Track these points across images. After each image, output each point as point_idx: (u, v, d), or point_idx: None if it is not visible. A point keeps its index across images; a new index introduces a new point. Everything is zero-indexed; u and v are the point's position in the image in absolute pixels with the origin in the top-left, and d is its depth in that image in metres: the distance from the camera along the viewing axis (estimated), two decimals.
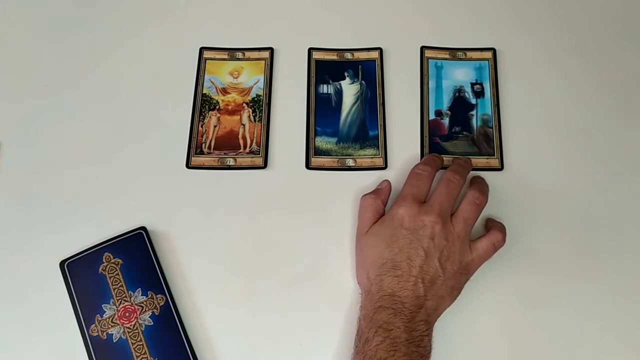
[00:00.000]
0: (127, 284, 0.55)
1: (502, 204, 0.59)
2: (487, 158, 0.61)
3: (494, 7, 0.69)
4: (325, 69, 0.65)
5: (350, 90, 0.65)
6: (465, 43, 0.67)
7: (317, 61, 0.66)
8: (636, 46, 0.66)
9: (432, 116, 0.63)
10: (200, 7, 0.69)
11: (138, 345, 0.53)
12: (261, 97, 0.64)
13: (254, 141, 0.62)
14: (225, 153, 0.61)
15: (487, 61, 0.66)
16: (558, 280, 0.57)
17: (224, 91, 0.65)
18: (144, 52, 0.67)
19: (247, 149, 0.62)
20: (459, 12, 0.69)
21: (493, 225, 0.56)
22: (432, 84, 0.65)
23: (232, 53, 0.66)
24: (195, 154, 0.61)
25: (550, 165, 0.61)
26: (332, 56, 0.66)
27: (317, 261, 0.57)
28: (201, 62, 0.66)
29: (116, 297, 0.55)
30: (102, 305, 0.54)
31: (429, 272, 0.51)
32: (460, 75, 0.65)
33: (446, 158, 0.61)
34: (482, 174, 0.60)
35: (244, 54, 0.66)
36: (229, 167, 0.61)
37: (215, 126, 0.63)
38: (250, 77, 0.65)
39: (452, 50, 0.66)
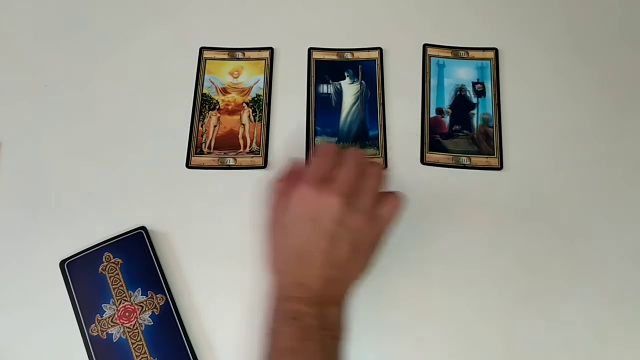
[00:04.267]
0: (127, 283, 0.55)
1: (501, 203, 0.59)
2: (487, 157, 0.61)
3: (497, 7, 0.68)
4: (325, 69, 0.65)
5: (350, 90, 0.65)
6: (468, 42, 0.67)
7: (317, 61, 0.66)
8: (636, 47, 0.66)
9: (433, 114, 0.63)
10: (200, 7, 0.69)
11: (138, 345, 0.53)
12: (261, 97, 0.64)
13: (254, 141, 0.62)
14: (225, 153, 0.61)
15: (489, 61, 0.66)
16: (558, 279, 0.56)
17: (224, 91, 0.65)
18: (144, 52, 0.67)
19: (247, 149, 0.62)
20: (462, 12, 0.68)
21: (387, 193, 0.52)
22: (433, 82, 0.65)
23: (232, 53, 0.66)
24: (196, 153, 0.61)
25: (549, 165, 0.61)
26: (332, 56, 0.66)
27: None
28: (201, 62, 0.66)
29: (116, 296, 0.55)
30: (102, 305, 0.54)
31: (338, 256, 0.48)
32: (462, 74, 0.65)
33: (444, 156, 0.61)
34: (482, 173, 0.60)
35: (243, 54, 0.66)
36: (229, 167, 0.61)
37: (215, 126, 0.63)
38: (250, 77, 0.65)
39: (455, 49, 0.66)
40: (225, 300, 0.56)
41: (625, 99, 0.64)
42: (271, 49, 0.66)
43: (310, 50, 0.66)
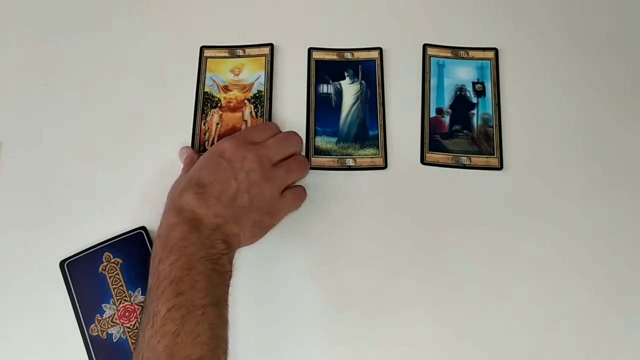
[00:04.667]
0: (127, 283, 0.55)
1: (501, 203, 0.59)
2: (487, 157, 0.61)
3: (497, 7, 0.68)
4: (325, 69, 0.65)
5: (350, 90, 0.64)
6: (468, 42, 0.66)
7: (317, 61, 0.66)
8: (636, 47, 0.66)
9: (433, 114, 0.63)
10: (200, 6, 0.69)
11: None
12: (262, 93, 0.64)
13: None
14: None
15: (489, 61, 0.66)
16: (558, 279, 0.56)
17: (226, 89, 0.64)
18: (145, 52, 0.67)
19: None
20: (462, 13, 0.68)
21: (293, 185, 0.58)
22: (433, 82, 0.65)
23: (232, 50, 0.66)
24: (198, 151, 0.61)
25: (549, 166, 0.61)
26: (332, 56, 0.66)
27: (316, 260, 0.57)
28: (202, 60, 0.66)
29: (116, 296, 0.55)
30: (102, 305, 0.54)
31: (234, 199, 0.51)
32: (462, 74, 0.65)
33: (444, 156, 0.61)
34: (482, 173, 0.60)
35: (244, 51, 0.66)
36: None
37: (217, 124, 0.63)
38: (252, 73, 0.65)
39: (455, 49, 0.66)
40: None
41: (625, 99, 0.64)
42: (271, 45, 0.66)
43: (310, 50, 0.66)
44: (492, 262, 0.57)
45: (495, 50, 0.66)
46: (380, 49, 0.66)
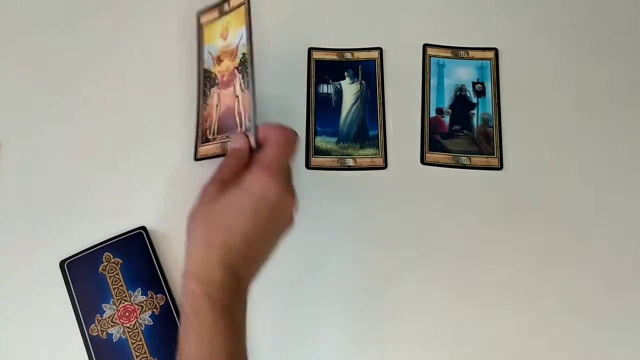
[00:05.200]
0: (127, 283, 0.55)
1: (501, 203, 0.59)
2: (487, 157, 0.61)
3: (497, 7, 0.68)
4: (325, 69, 0.65)
5: (350, 90, 0.64)
6: (468, 42, 0.66)
7: (317, 61, 0.66)
8: (637, 47, 0.66)
9: (433, 114, 0.63)
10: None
11: (138, 344, 0.53)
12: (245, 57, 0.54)
13: (246, 116, 0.53)
14: (227, 137, 0.55)
15: (489, 61, 0.66)
16: (558, 279, 0.56)
17: (218, 60, 0.58)
18: (145, 52, 0.66)
19: (243, 127, 0.53)
20: (462, 12, 0.68)
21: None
22: (433, 82, 0.65)
23: (220, 8, 0.58)
24: (202, 142, 0.58)
25: (549, 165, 0.61)
26: (332, 56, 0.66)
27: (316, 260, 0.57)
28: (200, 31, 0.61)
29: (116, 296, 0.55)
30: (102, 305, 0.54)
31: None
32: (462, 74, 0.65)
33: (444, 156, 0.61)
34: (482, 173, 0.60)
35: (229, 5, 0.57)
36: None
37: (216, 105, 0.57)
38: (235, 32, 0.56)
39: (455, 49, 0.66)
40: None
41: (624, 98, 0.64)
42: None
43: (310, 50, 0.66)
44: (492, 262, 0.57)
45: (495, 50, 0.66)
46: (380, 49, 0.66)
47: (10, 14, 0.69)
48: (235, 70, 0.54)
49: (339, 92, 0.64)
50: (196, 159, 0.58)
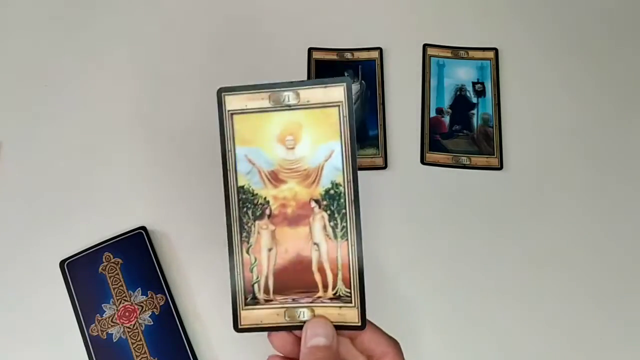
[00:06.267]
0: (127, 283, 0.55)
1: (501, 203, 0.59)
2: (487, 157, 0.61)
3: (497, 7, 0.68)
4: (325, 69, 0.65)
5: None
6: (468, 42, 0.67)
7: (317, 61, 0.66)
8: (636, 47, 0.66)
9: (433, 114, 0.63)
10: (201, 3, 0.69)
11: (138, 345, 0.53)
12: (341, 188, 0.39)
13: (339, 278, 0.44)
14: (294, 300, 0.43)
15: (489, 61, 0.66)
16: (558, 279, 0.56)
17: (275, 178, 0.41)
18: (145, 51, 0.67)
19: (330, 289, 0.44)
20: (462, 12, 0.68)
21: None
22: (433, 82, 0.65)
23: (276, 96, 0.44)
24: (248, 304, 0.50)
25: (549, 165, 0.61)
26: (332, 56, 0.66)
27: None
28: (226, 119, 0.55)
29: (116, 296, 0.55)
30: (102, 305, 0.54)
31: None
32: (462, 74, 0.65)
33: (444, 156, 0.61)
34: (482, 173, 0.60)
35: (297, 96, 0.44)
36: None
37: (269, 249, 0.44)
38: (316, 145, 0.41)
39: (455, 49, 0.66)
40: (225, 300, 0.56)
41: (625, 99, 0.64)
42: (346, 84, 0.43)
43: (310, 50, 0.66)
44: (492, 262, 0.57)
45: (495, 50, 0.66)
46: (380, 49, 0.66)
47: (10, 14, 0.69)
48: (315, 204, 0.38)
49: None
50: (239, 330, 0.40)
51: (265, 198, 0.38)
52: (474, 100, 0.64)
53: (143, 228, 0.57)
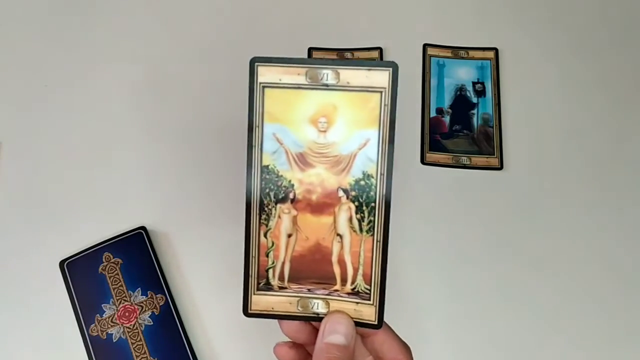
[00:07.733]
0: (126, 283, 0.55)
1: (501, 203, 0.59)
2: (487, 157, 0.61)
3: (497, 7, 0.68)
4: None
5: None
6: (468, 42, 0.67)
7: None
8: (636, 47, 0.66)
9: (433, 114, 0.63)
10: (201, 7, 0.69)
11: (138, 345, 0.53)
12: (373, 182, 0.38)
13: (360, 273, 0.43)
14: (309, 290, 0.43)
15: (489, 61, 0.66)
16: (558, 279, 0.56)
17: (302, 161, 0.42)
18: (145, 51, 0.67)
19: (349, 284, 0.43)
20: (462, 12, 0.68)
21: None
22: (433, 82, 0.65)
23: (313, 73, 0.45)
24: (260, 289, 0.51)
25: (549, 165, 0.61)
26: (332, 56, 0.66)
27: None
28: (257, 91, 0.57)
29: (116, 296, 0.55)
30: (102, 305, 0.54)
31: None
32: (462, 74, 0.65)
33: (444, 156, 0.61)
34: (482, 173, 0.60)
35: (337, 76, 0.45)
36: None
37: (289, 235, 0.44)
38: (351, 131, 0.39)
39: (455, 49, 0.66)
40: (225, 300, 0.56)
41: (625, 99, 0.64)
42: (392, 68, 0.45)
43: (310, 50, 0.66)
44: (492, 262, 0.57)
45: (495, 50, 0.66)
46: (380, 49, 0.66)
47: (10, 14, 0.69)
48: (342, 193, 0.35)
49: None
50: (248, 314, 0.38)
51: (290, 181, 0.35)
52: (474, 100, 0.64)
53: (143, 228, 0.57)
